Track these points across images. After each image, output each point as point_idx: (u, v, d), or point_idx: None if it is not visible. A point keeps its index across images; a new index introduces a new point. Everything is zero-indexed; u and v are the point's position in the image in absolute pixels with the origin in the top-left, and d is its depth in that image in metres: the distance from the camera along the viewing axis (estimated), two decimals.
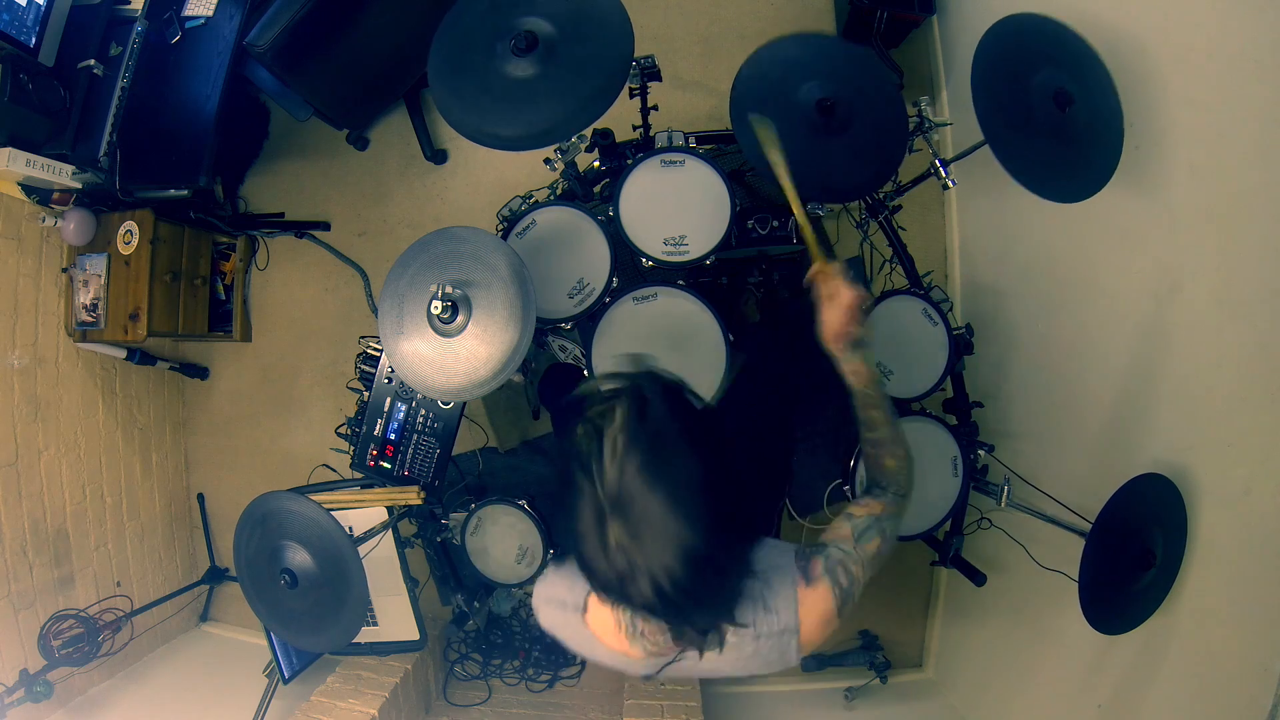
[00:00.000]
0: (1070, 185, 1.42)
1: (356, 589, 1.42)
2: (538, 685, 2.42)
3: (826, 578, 0.95)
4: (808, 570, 0.95)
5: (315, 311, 2.69)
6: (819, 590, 0.94)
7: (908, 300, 1.72)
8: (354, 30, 2.10)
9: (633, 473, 0.74)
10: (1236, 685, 1.28)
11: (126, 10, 2.05)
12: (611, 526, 0.75)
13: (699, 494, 0.76)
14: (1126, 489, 1.39)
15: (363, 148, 2.63)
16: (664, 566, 0.74)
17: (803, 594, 0.93)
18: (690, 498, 0.75)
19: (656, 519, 0.74)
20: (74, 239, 2.19)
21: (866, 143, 1.51)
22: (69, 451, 2.27)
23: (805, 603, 0.93)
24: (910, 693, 2.44)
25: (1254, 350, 1.31)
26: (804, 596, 0.93)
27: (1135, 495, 1.39)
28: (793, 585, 0.94)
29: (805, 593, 0.94)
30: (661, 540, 0.74)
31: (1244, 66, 1.28)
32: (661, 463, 0.75)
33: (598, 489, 0.76)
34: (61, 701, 2.09)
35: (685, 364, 1.60)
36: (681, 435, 0.79)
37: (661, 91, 1.88)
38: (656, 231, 1.62)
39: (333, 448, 1.93)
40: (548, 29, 1.37)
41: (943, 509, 1.72)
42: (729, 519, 0.80)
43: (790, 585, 0.94)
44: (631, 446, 0.75)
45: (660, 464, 0.75)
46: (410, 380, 1.40)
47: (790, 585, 0.94)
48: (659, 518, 0.74)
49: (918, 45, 2.45)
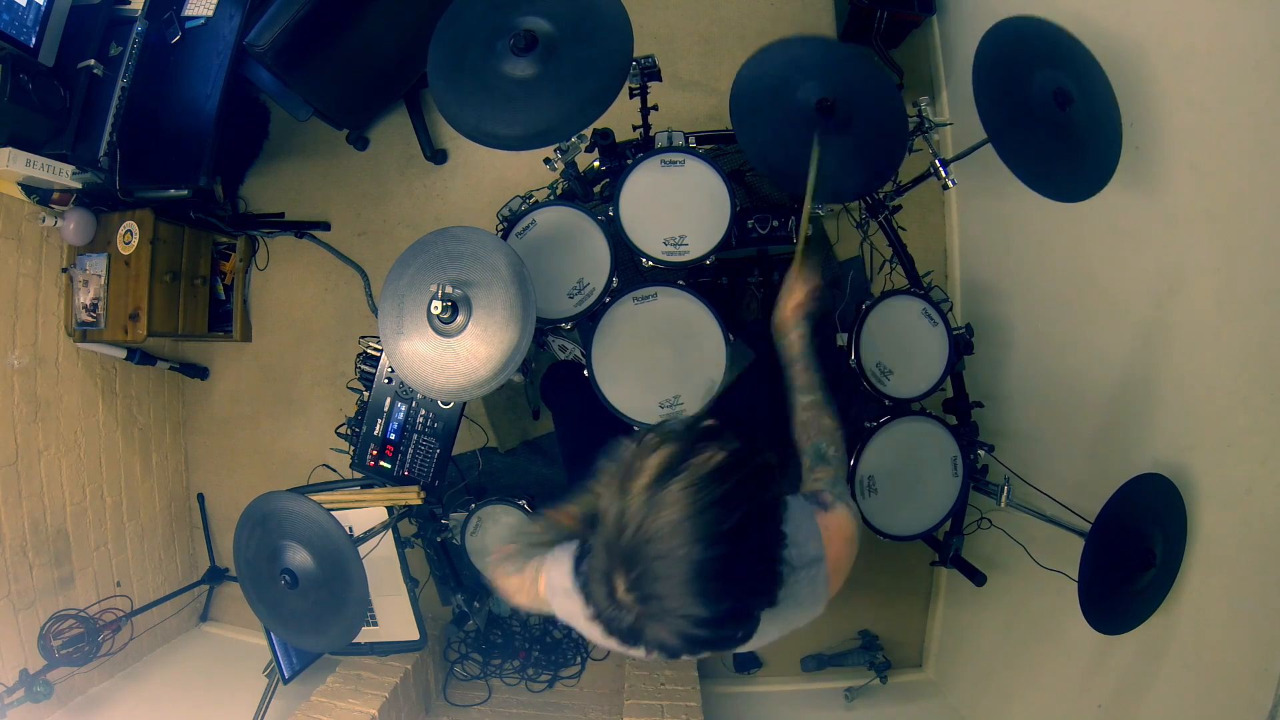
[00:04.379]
0: (1072, 184, 1.42)
1: (356, 589, 1.42)
2: (538, 685, 2.43)
3: (840, 501, 0.98)
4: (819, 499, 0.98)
5: (315, 311, 2.69)
6: (838, 512, 0.97)
7: (908, 300, 1.71)
8: (354, 30, 2.10)
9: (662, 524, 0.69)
10: (1236, 685, 1.28)
11: (126, 10, 2.06)
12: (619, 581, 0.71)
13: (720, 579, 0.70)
14: (1126, 489, 1.39)
15: (363, 148, 2.63)
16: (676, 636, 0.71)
17: (823, 520, 0.95)
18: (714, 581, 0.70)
19: (676, 597, 0.69)
20: (74, 239, 2.19)
21: (866, 143, 1.51)
22: (69, 451, 2.27)
23: (829, 527, 0.95)
24: (910, 693, 2.44)
25: (1254, 350, 1.31)
26: (825, 521, 0.95)
27: (1135, 495, 1.39)
28: (810, 516, 0.95)
29: (826, 517, 0.96)
30: (674, 616, 0.70)
31: (1244, 66, 1.28)
32: (715, 527, 0.69)
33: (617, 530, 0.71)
34: (61, 701, 2.09)
35: (685, 364, 1.60)
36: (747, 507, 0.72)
37: (661, 91, 1.88)
38: (656, 231, 1.62)
39: (333, 448, 1.93)
40: (548, 28, 1.37)
41: (943, 509, 1.72)
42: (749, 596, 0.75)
43: (808, 515, 0.95)
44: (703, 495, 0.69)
45: (713, 528, 0.69)
46: (410, 380, 1.40)
47: (808, 515, 0.95)
48: (680, 596, 0.69)
49: (918, 45, 2.45)
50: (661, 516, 0.69)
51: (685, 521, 0.68)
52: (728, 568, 0.70)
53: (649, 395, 1.58)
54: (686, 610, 0.70)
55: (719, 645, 0.75)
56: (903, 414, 1.69)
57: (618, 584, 0.72)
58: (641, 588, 0.70)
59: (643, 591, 0.70)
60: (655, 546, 0.69)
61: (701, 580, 0.69)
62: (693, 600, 0.69)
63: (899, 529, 1.69)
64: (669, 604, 0.70)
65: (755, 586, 0.74)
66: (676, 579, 0.69)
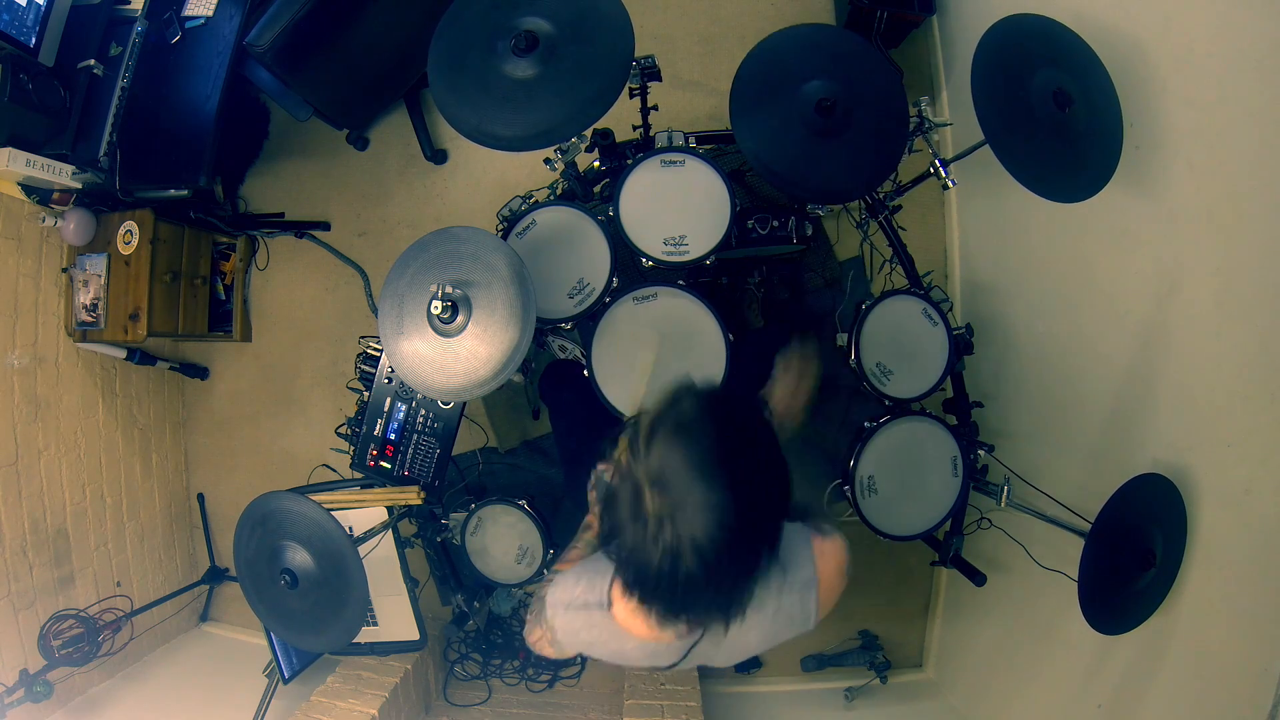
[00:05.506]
0: (1071, 185, 1.42)
1: (356, 589, 1.42)
2: (538, 685, 2.43)
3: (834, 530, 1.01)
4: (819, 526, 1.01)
5: (315, 311, 2.69)
6: (834, 541, 1.00)
7: (908, 300, 1.71)
8: (354, 30, 2.10)
9: (664, 446, 0.79)
10: (1236, 685, 1.28)
11: (126, 10, 2.05)
12: (649, 498, 0.79)
13: (724, 465, 0.79)
14: (1126, 489, 1.39)
15: (363, 148, 2.63)
16: (705, 532, 0.77)
17: (819, 545, 0.98)
18: (718, 469, 0.78)
19: (690, 488, 0.77)
20: (74, 239, 2.19)
21: (866, 143, 1.51)
22: (69, 451, 2.27)
23: (823, 553, 0.98)
24: (910, 693, 2.44)
25: (1254, 350, 1.31)
26: (820, 547, 0.98)
27: (1135, 495, 1.39)
28: (807, 540, 0.98)
29: (821, 543, 0.99)
30: (697, 509, 0.77)
31: (1244, 66, 1.28)
32: (689, 437, 0.80)
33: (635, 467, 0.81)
34: (61, 701, 2.09)
35: (685, 364, 1.60)
36: (709, 416, 0.82)
37: (661, 91, 1.88)
38: (656, 231, 1.62)
39: (333, 448, 1.93)
40: (548, 29, 1.37)
41: (943, 509, 1.72)
42: (757, 491, 0.82)
43: (805, 541, 0.98)
44: (661, 424, 0.81)
45: (688, 438, 0.79)
46: (410, 380, 1.40)
47: (805, 541, 0.98)
48: (692, 487, 0.77)
49: (918, 45, 2.45)
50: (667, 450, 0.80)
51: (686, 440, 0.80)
52: (736, 457, 0.80)
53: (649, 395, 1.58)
54: (710, 498, 0.77)
55: (746, 548, 0.81)
56: (903, 414, 1.69)
57: (647, 502, 0.79)
58: (668, 493, 0.78)
59: (669, 497, 0.78)
60: (670, 461, 0.79)
61: (716, 466, 0.78)
62: (712, 487, 0.77)
63: (899, 529, 1.69)
64: (692, 499, 0.77)
65: (767, 478, 0.83)
66: (694, 476, 0.78)
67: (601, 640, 1.01)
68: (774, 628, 0.98)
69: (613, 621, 0.97)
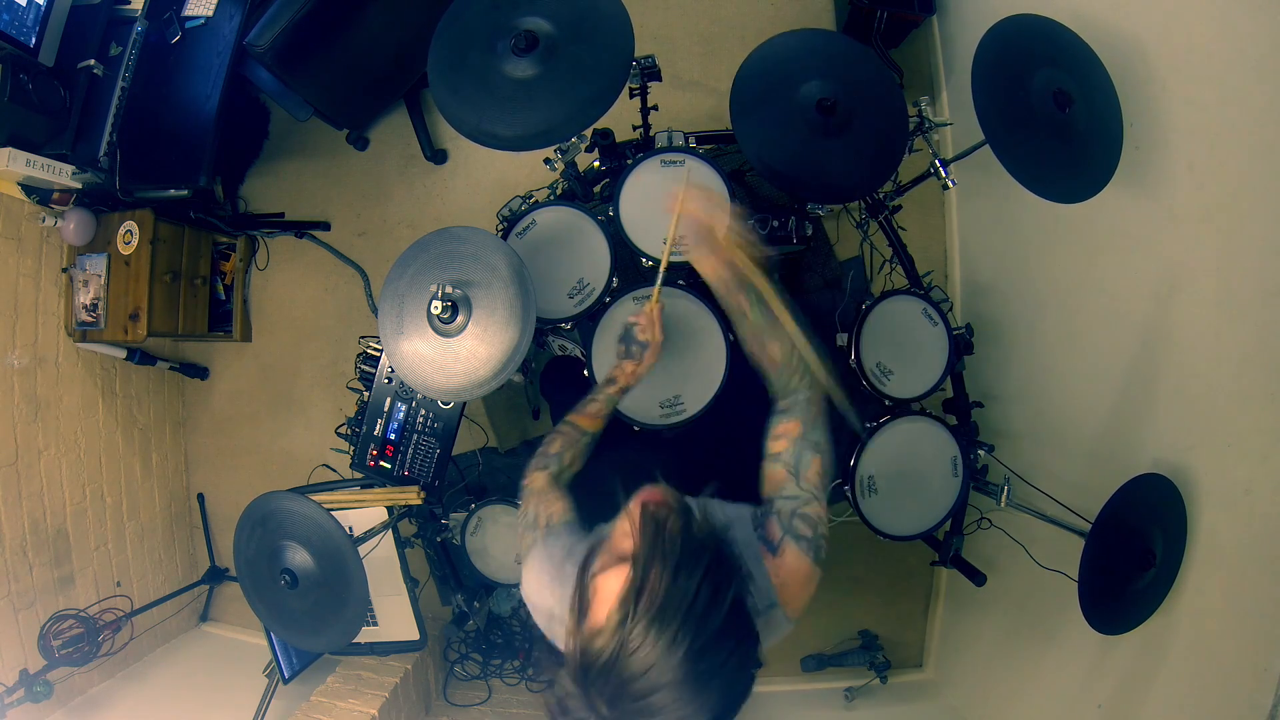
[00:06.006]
0: (1071, 185, 1.42)
1: (356, 589, 1.43)
2: (538, 685, 2.42)
3: (788, 539, 0.88)
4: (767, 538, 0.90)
5: (315, 311, 2.69)
6: (786, 555, 0.88)
7: (908, 300, 1.71)
8: (354, 30, 2.10)
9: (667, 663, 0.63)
10: (1236, 685, 1.28)
11: (126, 10, 2.06)
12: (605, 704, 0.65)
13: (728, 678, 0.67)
14: (1126, 489, 1.39)
15: (363, 148, 2.63)
16: None
17: (772, 565, 0.87)
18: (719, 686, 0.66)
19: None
20: (74, 239, 2.19)
21: (866, 143, 1.51)
22: (69, 451, 2.27)
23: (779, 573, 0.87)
24: (910, 693, 2.44)
25: (1254, 350, 1.31)
26: (774, 567, 0.87)
27: (1135, 495, 1.39)
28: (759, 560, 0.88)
29: (774, 563, 0.87)
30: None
31: (1244, 66, 1.28)
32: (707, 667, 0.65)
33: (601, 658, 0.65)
34: (61, 701, 2.09)
35: (685, 364, 1.60)
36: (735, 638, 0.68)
37: (661, 91, 1.88)
38: (656, 231, 1.62)
39: (333, 448, 1.93)
40: (548, 29, 1.37)
41: (943, 509, 1.72)
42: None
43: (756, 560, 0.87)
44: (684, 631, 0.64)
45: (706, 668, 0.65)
46: (410, 380, 1.40)
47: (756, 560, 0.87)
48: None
49: (918, 45, 2.45)
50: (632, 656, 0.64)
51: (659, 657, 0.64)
52: (710, 675, 0.65)
53: (649, 395, 1.58)
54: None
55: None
56: (903, 414, 1.69)
57: (599, 706, 0.66)
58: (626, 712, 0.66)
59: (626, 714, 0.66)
60: (632, 685, 0.64)
61: (687, 695, 0.65)
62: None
63: (899, 529, 1.69)
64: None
65: (737, 681, 0.70)
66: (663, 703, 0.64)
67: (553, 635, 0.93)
68: None
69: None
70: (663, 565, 0.66)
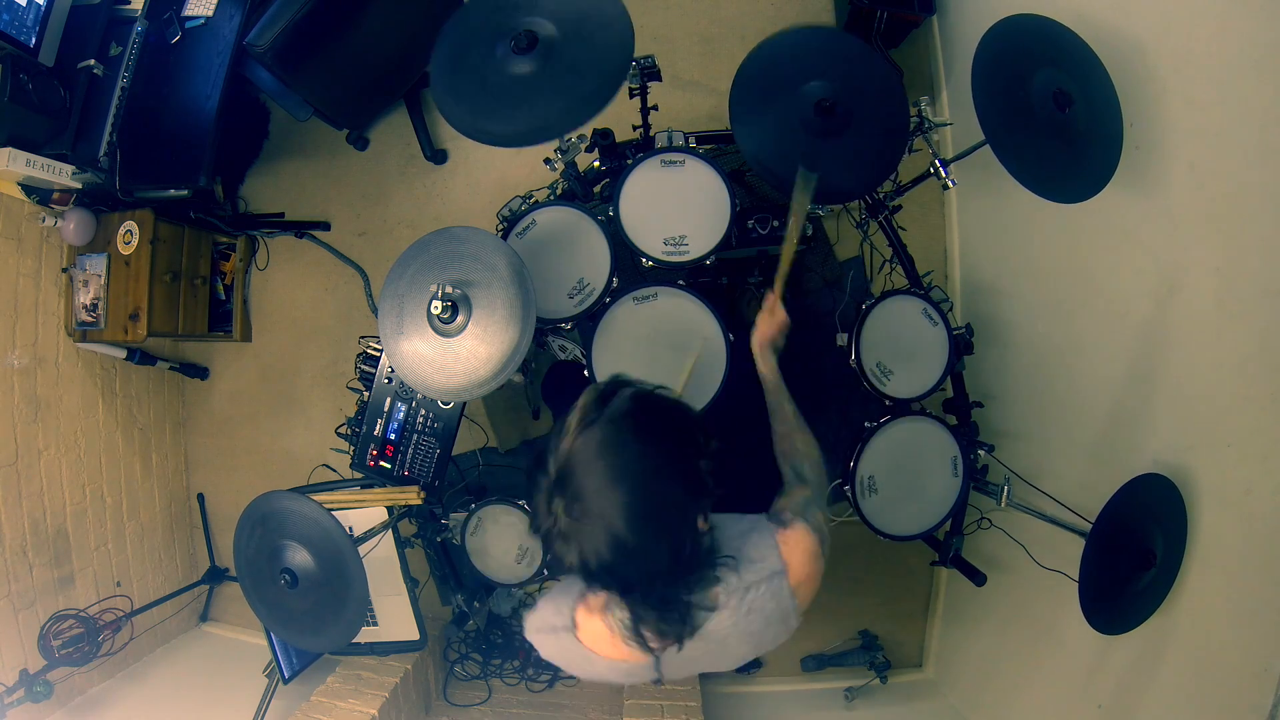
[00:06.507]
0: (1071, 185, 1.42)
1: (356, 589, 1.42)
2: (538, 685, 2.42)
3: (799, 518, 1.01)
4: (780, 518, 1.02)
5: (315, 311, 2.69)
6: (796, 529, 1.00)
7: (908, 300, 1.71)
8: (354, 30, 2.10)
9: (581, 451, 0.83)
10: (1236, 685, 1.28)
11: (126, 10, 2.06)
12: (555, 500, 0.83)
13: (640, 485, 0.82)
14: (1126, 489, 1.39)
15: (363, 148, 2.63)
16: (594, 548, 0.81)
17: (782, 536, 0.99)
18: (631, 487, 0.81)
19: (593, 499, 0.81)
20: (74, 239, 2.19)
21: (866, 143, 1.51)
22: (69, 451, 2.27)
23: (787, 543, 0.98)
24: (910, 693, 2.44)
25: (1254, 350, 1.31)
26: (784, 538, 0.99)
27: (1135, 495, 1.39)
28: (770, 534, 0.99)
29: (785, 534, 0.99)
30: (595, 522, 0.81)
31: (1244, 66, 1.28)
32: (609, 447, 0.83)
33: (549, 462, 0.85)
34: (61, 701, 2.09)
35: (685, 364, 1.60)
36: (637, 426, 0.85)
37: (661, 91, 1.88)
38: (656, 231, 1.62)
39: (333, 448, 1.93)
40: (549, 28, 1.37)
41: (943, 509, 1.72)
42: (671, 515, 0.85)
43: (768, 534, 0.99)
44: (585, 427, 0.84)
45: (608, 448, 0.83)
46: (410, 380, 1.40)
47: (768, 534, 0.99)
48: (595, 499, 0.81)
49: (918, 45, 2.45)
50: (581, 444, 0.84)
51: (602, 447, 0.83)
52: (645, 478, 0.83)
53: None
54: (607, 514, 0.81)
55: (646, 563, 0.84)
56: (903, 414, 1.69)
57: (555, 500, 0.83)
58: (569, 496, 0.83)
59: (568, 504, 0.83)
60: (581, 468, 0.83)
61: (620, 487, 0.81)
62: (613, 504, 0.81)
63: (899, 529, 1.69)
64: (592, 507, 0.81)
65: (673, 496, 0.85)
66: (598, 487, 0.82)
67: (574, 662, 1.02)
68: (752, 625, 0.95)
69: (579, 645, 0.98)
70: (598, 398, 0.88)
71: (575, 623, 0.97)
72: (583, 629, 0.97)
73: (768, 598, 0.95)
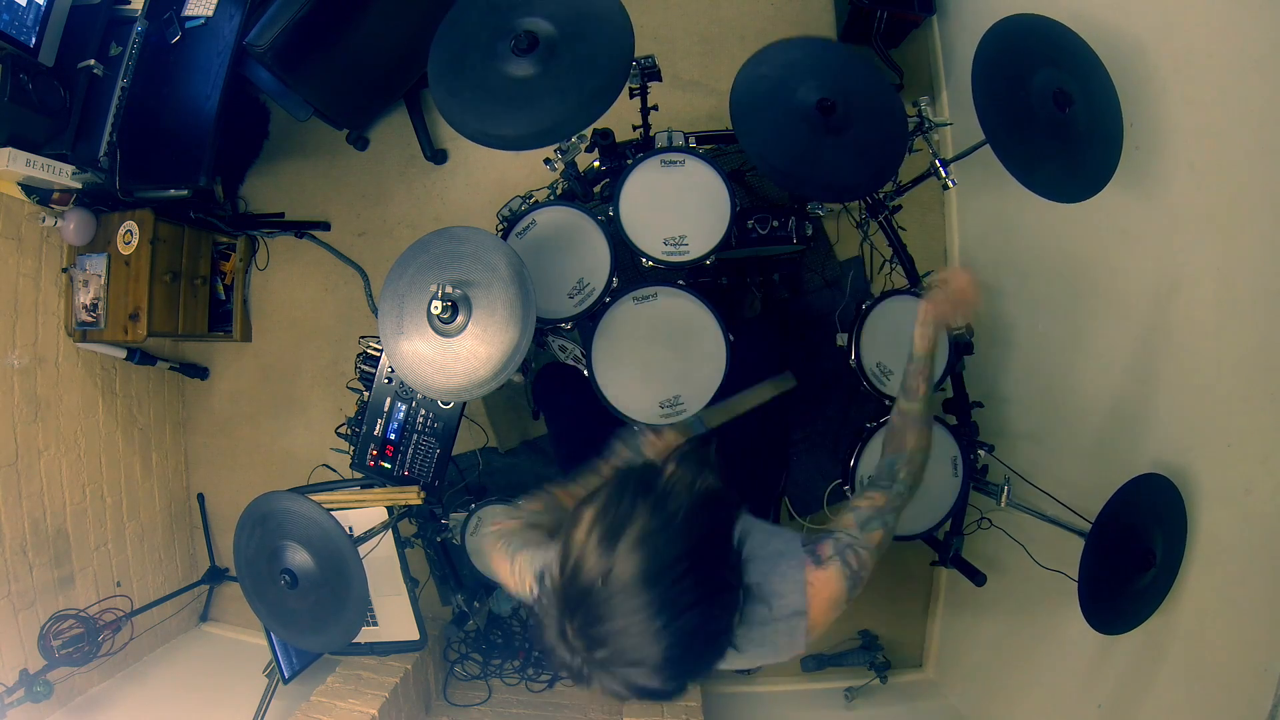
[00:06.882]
0: (1071, 185, 1.42)
1: (356, 589, 1.42)
2: (538, 685, 2.42)
3: (837, 559, 0.93)
4: (816, 552, 0.95)
5: (315, 311, 2.69)
6: (829, 571, 0.93)
7: (908, 300, 1.71)
8: (354, 30, 2.10)
9: (615, 578, 0.67)
10: (1236, 685, 1.28)
11: (126, 10, 2.06)
12: (567, 629, 0.69)
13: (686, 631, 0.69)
14: (1126, 489, 1.39)
15: (363, 148, 2.63)
16: (621, 688, 0.70)
17: (812, 575, 0.92)
18: (675, 637, 0.68)
19: (628, 644, 0.67)
20: (74, 239, 2.19)
21: (866, 143, 1.51)
22: (69, 451, 2.27)
23: (815, 584, 0.92)
24: (910, 693, 2.44)
25: (1254, 350, 1.31)
26: (813, 578, 0.92)
27: (1135, 495, 1.39)
28: (800, 568, 0.93)
29: (815, 574, 0.92)
30: (628, 671, 0.69)
31: (1244, 66, 1.28)
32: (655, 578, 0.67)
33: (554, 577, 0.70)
34: (61, 701, 2.09)
35: (686, 364, 1.60)
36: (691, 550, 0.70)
37: (661, 91, 1.88)
38: (656, 231, 1.62)
39: (333, 448, 1.94)
40: (548, 29, 1.37)
41: (943, 509, 1.72)
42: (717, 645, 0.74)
43: (798, 568, 0.93)
44: (617, 538, 0.68)
45: (652, 579, 0.67)
46: (410, 380, 1.40)
47: (798, 568, 0.93)
48: (631, 643, 0.67)
49: (918, 45, 2.45)
50: (609, 571, 0.68)
51: (634, 579, 0.67)
52: (678, 627, 0.68)
53: (649, 396, 1.58)
54: (635, 662, 0.68)
55: (667, 696, 0.73)
56: None
57: (568, 629, 0.70)
58: (590, 637, 0.69)
59: (591, 639, 0.69)
60: (604, 604, 0.68)
61: (653, 638, 0.67)
62: (643, 654, 0.68)
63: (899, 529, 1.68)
64: (617, 655, 0.69)
65: (706, 644, 0.72)
66: (626, 633, 0.67)
67: None
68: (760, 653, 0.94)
69: None
70: (635, 490, 0.71)
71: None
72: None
73: (783, 634, 0.92)
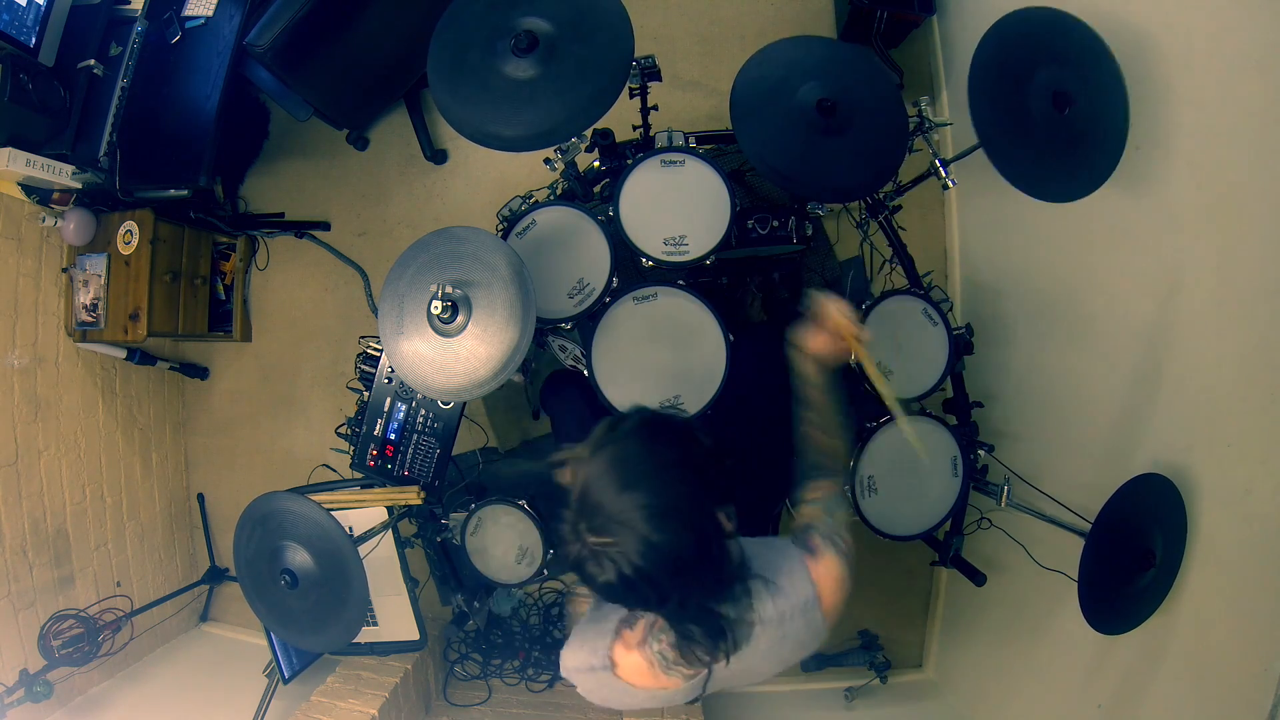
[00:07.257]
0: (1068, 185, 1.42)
1: (356, 589, 1.42)
2: (538, 685, 2.42)
3: (828, 544, 1.03)
4: (808, 544, 1.03)
5: (315, 311, 2.69)
6: (826, 558, 1.02)
7: (908, 300, 1.71)
8: (354, 30, 2.10)
9: (595, 472, 0.86)
10: (1236, 685, 1.28)
11: (126, 10, 2.06)
12: (580, 525, 0.85)
13: (654, 484, 0.84)
14: (1126, 489, 1.39)
15: (363, 148, 2.63)
16: (624, 556, 0.82)
17: (813, 565, 1.01)
18: (647, 487, 0.83)
19: (612, 509, 0.83)
20: (74, 239, 2.19)
21: (866, 143, 1.51)
22: (69, 451, 2.27)
23: (817, 571, 1.01)
24: (910, 693, 2.44)
25: (1254, 350, 1.31)
26: (815, 567, 1.01)
27: (1135, 495, 1.39)
28: (801, 562, 1.01)
29: (815, 564, 1.01)
30: (619, 530, 0.82)
31: (1244, 66, 1.28)
32: (619, 460, 0.86)
33: (569, 495, 0.87)
34: (61, 701, 2.09)
35: (685, 364, 1.60)
36: (641, 439, 0.89)
37: (661, 91, 1.88)
38: (656, 231, 1.62)
39: (333, 448, 1.93)
40: (548, 29, 1.37)
41: (943, 509, 1.72)
42: (690, 508, 0.86)
43: (799, 563, 1.01)
44: (597, 450, 0.87)
45: (618, 461, 0.86)
46: (410, 380, 1.40)
47: (799, 563, 1.01)
48: (614, 508, 0.83)
49: (918, 45, 2.45)
50: (594, 466, 0.87)
51: (613, 462, 0.86)
52: (657, 478, 0.85)
53: (649, 395, 1.58)
54: (629, 518, 0.82)
55: (677, 562, 0.84)
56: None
57: (580, 526, 0.85)
58: (589, 515, 0.85)
59: (593, 523, 0.84)
60: (597, 486, 0.85)
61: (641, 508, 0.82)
62: (632, 507, 0.82)
63: (899, 529, 1.69)
64: (613, 516, 0.83)
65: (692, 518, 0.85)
66: (615, 496, 0.83)
67: (613, 696, 1.05)
68: (784, 650, 1.00)
69: (619, 680, 1.00)
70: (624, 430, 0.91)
71: (613, 661, 1.00)
72: (621, 666, 0.99)
73: (803, 627, 0.99)
